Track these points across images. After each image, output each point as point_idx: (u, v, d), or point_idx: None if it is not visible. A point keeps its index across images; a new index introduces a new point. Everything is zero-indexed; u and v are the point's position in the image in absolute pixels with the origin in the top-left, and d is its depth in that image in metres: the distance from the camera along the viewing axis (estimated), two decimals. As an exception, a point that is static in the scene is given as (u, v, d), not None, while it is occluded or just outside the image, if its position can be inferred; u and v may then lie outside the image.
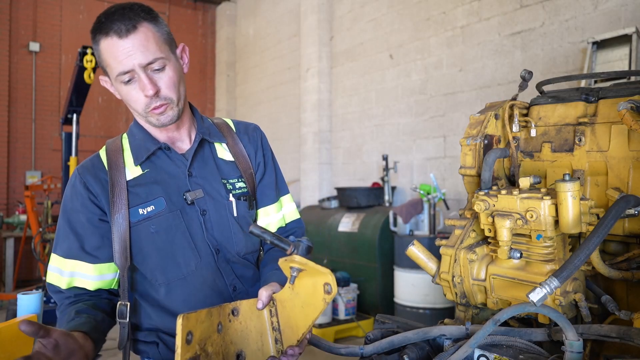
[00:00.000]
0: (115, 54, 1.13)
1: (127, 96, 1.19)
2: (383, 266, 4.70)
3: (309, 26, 6.63)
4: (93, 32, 1.17)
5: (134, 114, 1.27)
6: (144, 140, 1.28)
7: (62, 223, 1.24)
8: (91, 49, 5.30)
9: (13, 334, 1.47)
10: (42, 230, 5.71)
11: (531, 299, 1.03)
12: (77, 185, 1.24)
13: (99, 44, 1.16)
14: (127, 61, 1.13)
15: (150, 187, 1.24)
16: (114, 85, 1.22)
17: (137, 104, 1.19)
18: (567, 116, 1.42)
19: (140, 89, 1.17)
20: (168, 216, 1.23)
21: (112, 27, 1.12)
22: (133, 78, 1.16)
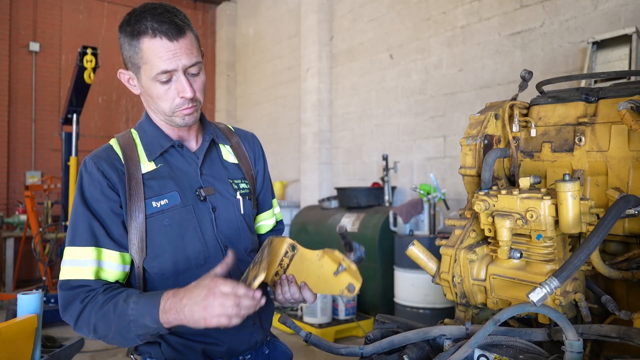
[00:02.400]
0: (160, 54, 1.17)
1: (159, 95, 1.22)
2: (383, 266, 4.70)
3: (309, 26, 6.63)
4: (133, 28, 1.18)
5: (153, 111, 1.29)
6: (157, 137, 1.30)
7: (82, 211, 1.19)
8: (92, 49, 5.31)
9: (13, 334, 1.47)
10: (42, 230, 5.70)
11: (531, 299, 1.03)
12: (95, 173, 1.21)
13: (142, 41, 1.18)
14: (173, 62, 1.18)
15: (164, 182, 1.26)
16: (141, 81, 1.24)
17: (167, 103, 1.23)
18: (567, 116, 1.42)
19: (177, 90, 1.21)
20: (182, 210, 1.25)
21: (161, 29, 1.17)
22: (171, 79, 1.20)
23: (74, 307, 1.14)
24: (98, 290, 1.15)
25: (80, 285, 1.16)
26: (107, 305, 1.11)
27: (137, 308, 1.08)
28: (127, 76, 1.27)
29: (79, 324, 1.15)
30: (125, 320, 1.08)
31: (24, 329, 1.52)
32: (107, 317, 1.10)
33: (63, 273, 1.18)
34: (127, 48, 1.22)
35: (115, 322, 1.09)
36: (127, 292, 1.13)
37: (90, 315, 1.12)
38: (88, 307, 1.13)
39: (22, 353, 1.53)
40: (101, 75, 7.72)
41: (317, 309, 4.49)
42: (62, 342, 2.55)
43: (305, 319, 4.56)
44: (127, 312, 1.08)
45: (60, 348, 2.44)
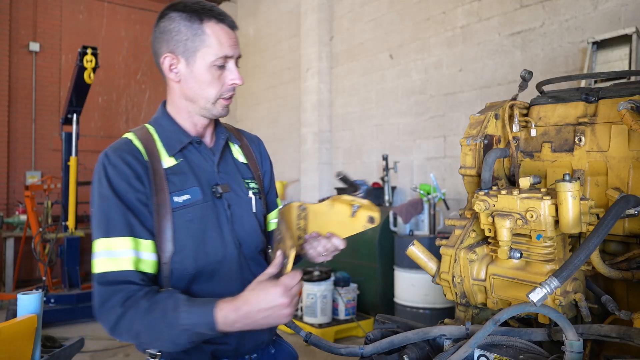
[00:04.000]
0: (223, 39, 1.24)
1: (211, 80, 1.24)
2: (383, 266, 4.70)
3: (309, 26, 6.63)
4: (195, 12, 1.22)
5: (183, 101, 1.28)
6: (176, 132, 1.30)
7: (114, 201, 1.16)
8: (92, 49, 5.31)
9: (13, 334, 1.47)
10: (42, 230, 5.70)
11: (531, 299, 1.03)
12: (120, 165, 1.19)
13: (207, 25, 1.23)
14: (233, 49, 1.26)
15: (185, 177, 1.26)
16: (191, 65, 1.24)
17: (216, 89, 1.25)
18: (567, 116, 1.42)
19: (229, 77, 1.26)
20: (203, 206, 1.25)
21: (225, 18, 1.26)
22: (225, 65, 1.25)
23: (113, 309, 1.10)
24: (138, 292, 1.12)
25: (119, 280, 1.12)
26: (153, 313, 1.09)
27: (190, 317, 1.07)
28: (170, 62, 1.26)
29: (118, 328, 1.11)
30: (177, 329, 1.07)
31: (24, 329, 1.51)
32: (155, 326, 1.08)
33: (99, 265, 1.13)
34: (183, 31, 1.22)
35: (165, 331, 1.08)
36: (172, 298, 1.11)
37: (133, 322, 1.09)
38: (130, 313, 1.09)
39: (22, 353, 1.53)
40: (101, 75, 7.72)
41: (317, 309, 4.49)
42: (62, 342, 2.55)
43: (305, 319, 4.56)
44: (179, 322, 1.07)
45: (60, 348, 2.44)
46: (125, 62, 8.45)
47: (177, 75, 1.26)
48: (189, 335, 1.08)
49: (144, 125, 1.33)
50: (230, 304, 1.08)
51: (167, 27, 1.24)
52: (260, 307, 1.07)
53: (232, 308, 1.07)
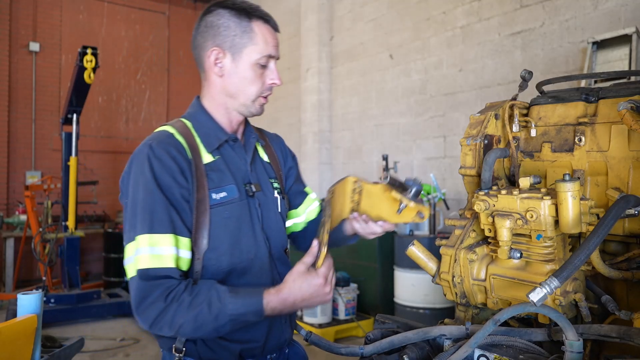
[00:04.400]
0: (269, 39, 1.27)
1: (253, 78, 1.26)
2: (383, 266, 4.70)
3: (309, 26, 6.63)
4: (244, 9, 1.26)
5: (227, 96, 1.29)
6: (214, 129, 1.30)
7: (159, 197, 1.14)
8: (92, 49, 5.31)
9: (13, 334, 1.47)
10: (42, 230, 5.70)
11: (531, 299, 1.03)
12: (166, 160, 1.17)
13: (256, 23, 1.26)
14: (276, 50, 1.29)
15: (223, 174, 1.26)
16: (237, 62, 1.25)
17: (256, 88, 1.27)
18: (567, 116, 1.42)
19: (269, 77, 1.29)
20: (239, 204, 1.26)
21: (270, 19, 1.30)
22: (267, 64, 1.28)
23: (154, 304, 1.09)
24: (179, 285, 1.12)
25: (160, 275, 1.11)
26: (198, 305, 1.10)
27: (237, 307, 1.11)
28: (216, 56, 1.26)
29: (158, 323, 1.10)
30: (224, 319, 1.10)
31: (24, 329, 1.51)
32: (199, 317, 1.09)
33: (142, 261, 1.11)
34: (232, 27, 1.24)
35: (210, 322, 1.10)
36: (214, 289, 1.12)
37: (176, 316, 1.09)
38: (172, 307, 1.09)
39: (22, 353, 1.53)
40: (101, 75, 7.72)
41: (317, 308, 4.49)
42: (62, 342, 2.55)
43: (305, 319, 4.56)
44: (226, 312, 1.10)
45: (60, 348, 2.44)
46: (125, 62, 8.45)
47: (221, 70, 1.27)
48: (234, 323, 1.11)
49: (179, 119, 1.31)
50: (276, 295, 1.14)
51: (216, 22, 1.26)
52: (304, 297, 1.15)
53: (279, 300, 1.14)
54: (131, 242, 1.14)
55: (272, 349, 1.31)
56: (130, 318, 5.38)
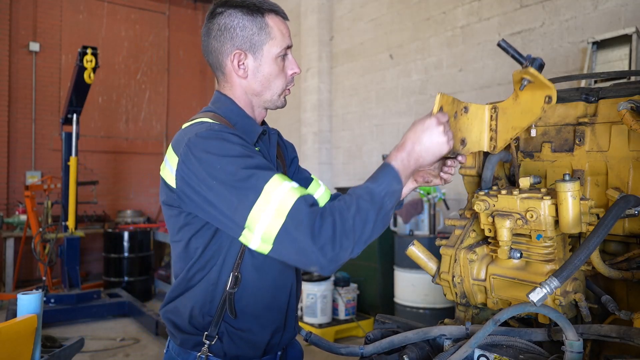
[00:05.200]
0: (283, 30, 1.27)
1: (278, 72, 1.26)
2: (383, 266, 4.70)
3: (309, 26, 6.63)
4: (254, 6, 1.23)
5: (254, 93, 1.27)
6: (250, 123, 1.28)
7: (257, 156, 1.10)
8: (92, 49, 5.30)
9: (13, 334, 1.47)
10: (42, 230, 5.70)
11: (531, 299, 1.03)
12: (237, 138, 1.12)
13: (269, 17, 1.24)
14: (290, 39, 1.29)
15: None
16: (259, 60, 1.24)
17: (281, 81, 1.28)
18: (567, 116, 1.42)
19: (290, 67, 1.29)
20: None
21: (279, 9, 1.28)
22: (286, 55, 1.27)
23: (323, 225, 1.00)
24: (324, 205, 1.05)
25: (313, 202, 1.05)
26: (352, 205, 1.04)
27: (381, 185, 1.07)
28: (239, 57, 1.23)
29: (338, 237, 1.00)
30: (380, 200, 1.06)
31: (24, 329, 1.51)
32: (361, 210, 1.04)
33: (291, 195, 1.02)
34: (247, 26, 1.22)
35: (372, 208, 1.05)
36: (352, 190, 1.09)
37: (345, 220, 1.01)
38: (337, 216, 1.01)
39: (22, 353, 1.53)
40: (101, 75, 7.72)
41: (317, 309, 4.49)
42: (62, 342, 2.55)
43: (305, 319, 4.56)
44: (376, 194, 1.06)
45: (60, 348, 2.44)
46: (125, 62, 8.45)
47: (245, 72, 1.25)
48: (389, 198, 1.07)
49: (214, 114, 1.24)
50: (397, 150, 1.14)
51: (230, 24, 1.22)
52: (422, 139, 1.13)
53: (401, 152, 1.13)
54: (257, 200, 1.02)
55: (285, 342, 1.31)
56: (130, 318, 5.38)
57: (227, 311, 1.19)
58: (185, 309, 1.21)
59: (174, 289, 1.25)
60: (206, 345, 1.18)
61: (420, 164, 1.15)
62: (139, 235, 6.49)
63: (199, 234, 1.18)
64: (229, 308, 1.18)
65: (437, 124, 1.15)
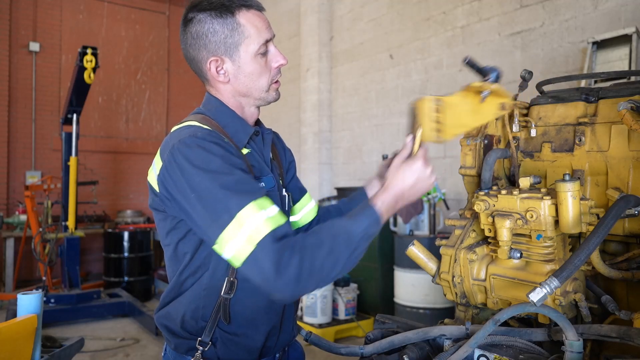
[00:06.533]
0: (259, 24, 1.21)
1: (260, 69, 1.22)
2: (383, 266, 4.69)
3: (309, 26, 6.63)
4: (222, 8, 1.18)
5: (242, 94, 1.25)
6: (241, 124, 1.26)
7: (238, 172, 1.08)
8: (92, 49, 5.30)
9: (13, 334, 1.47)
10: (42, 230, 5.70)
11: (531, 299, 1.03)
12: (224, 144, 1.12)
13: (239, 16, 1.19)
14: (269, 30, 1.23)
15: (260, 165, 1.25)
16: (237, 62, 1.20)
17: (266, 77, 1.24)
18: (567, 116, 1.42)
19: (273, 60, 1.24)
20: (276, 193, 1.26)
21: (252, 2, 1.22)
22: (267, 50, 1.23)
23: (289, 263, 1.00)
24: (296, 237, 1.04)
25: (282, 235, 1.04)
26: (325, 242, 1.04)
27: (360, 225, 1.07)
28: (217, 63, 1.21)
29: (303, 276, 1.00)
30: (355, 241, 1.06)
31: (24, 329, 1.52)
32: (334, 250, 1.04)
33: (261, 229, 1.02)
34: (219, 30, 1.18)
35: (344, 249, 1.05)
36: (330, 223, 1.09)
37: (314, 259, 1.01)
38: (307, 254, 1.01)
39: (22, 353, 1.53)
40: (101, 75, 7.72)
41: (317, 309, 4.49)
42: (62, 342, 2.55)
43: (305, 319, 4.56)
44: (353, 233, 1.06)
45: (60, 348, 2.44)
46: (125, 62, 8.45)
47: (226, 76, 1.22)
48: (364, 240, 1.08)
49: (200, 115, 1.25)
50: (383, 193, 1.15)
51: (201, 31, 1.19)
52: (410, 183, 1.17)
53: (388, 196, 1.14)
54: (229, 224, 1.03)
55: (282, 345, 1.30)
56: (130, 318, 5.38)
57: (222, 317, 1.18)
58: (178, 314, 1.20)
59: (167, 293, 1.25)
60: (199, 351, 1.18)
61: (405, 202, 1.19)
62: (139, 235, 6.49)
63: (186, 239, 1.18)
64: (223, 314, 1.17)
65: (424, 167, 1.19)
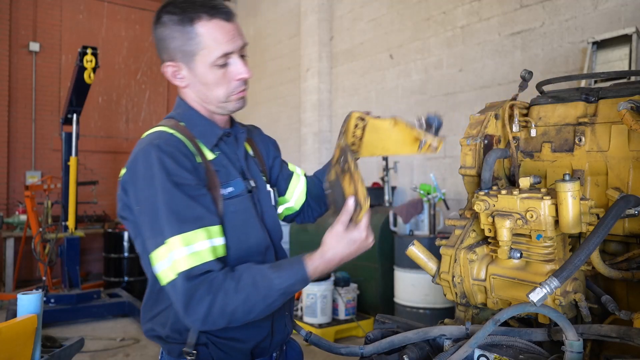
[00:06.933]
0: (219, 36, 1.17)
1: (217, 80, 1.20)
2: (383, 266, 4.69)
3: (309, 26, 6.63)
4: (184, 15, 1.16)
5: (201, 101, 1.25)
6: (209, 125, 1.27)
7: (178, 195, 1.09)
8: (92, 49, 5.30)
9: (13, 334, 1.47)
10: (42, 230, 5.70)
11: (531, 299, 1.03)
12: (178, 156, 1.13)
13: (198, 25, 1.16)
14: (231, 43, 1.18)
15: (228, 170, 1.25)
16: (194, 70, 1.20)
17: (224, 88, 1.21)
18: (567, 116, 1.42)
19: (235, 73, 1.21)
20: (246, 197, 1.25)
21: (216, 11, 1.18)
22: (227, 62, 1.19)
23: (200, 301, 1.05)
24: (218, 276, 1.08)
25: (202, 271, 1.07)
26: (244, 288, 1.07)
27: (283, 281, 1.09)
28: (174, 69, 1.22)
29: (211, 317, 1.06)
30: (274, 295, 1.09)
31: (24, 329, 1.51)
32: (250, 299, 1.07)
33: (181, 263, 1.06)
34: (176, 37, 1.18)
35: (261, 301, 1.08)
36: (255, 269, 1.11)
37: (226, 304, 1.06)
38: (220, 296, 1.05)
39: (22, 353, 1.53)
40: (101, 75, 7.72)
41: (317, 309, 4.49)
42: (62, 342, 2.55)
43: (305, 319, 4.56)
44: (274, 287, 1.08)
45: (60, 348, 2.44)
46: (125, 62, 8.45)
47: (183, 81, 1.24)
48: (284, 296, 1.11)
49: (172, 119, 1.27)
50: (320, 259, 1.14)
51: (162, 35, 1.20)
52: (349, 253, 1.16)
53: (323, 262, 1.14)
54: (161, 246, 1.08)
55: (277, 345, 1.31)
56: (130, 318, 5.38)
57: None
58: (162, 328, 1.21)
59: (145, 303, 1.26)
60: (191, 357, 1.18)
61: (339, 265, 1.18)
62: (139, 235, 6.48)
63: None
64: None
65: (365, 238, 1.16)
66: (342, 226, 1.15)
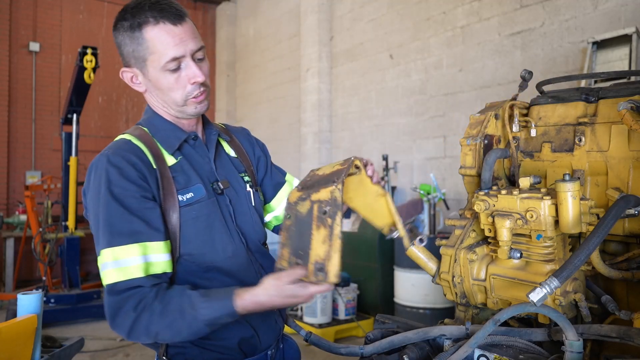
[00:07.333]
0: (166, 41, 1.16)
1: (170, 85, 1.20)
2: (383, 266, 4.69)
3: (309, 26, 6.63)
4: (132, 20, 1.17)
5: (162, 105, 1.26)
6: (171, 130, 1.27)
7: (115, 207, 1.11)
8: (92, 49, 5.30)
9: (13, 334, 1.47)
10: (42, 230, 5.70)
11: (531, 299, 1.03)
12: (124, 166, 1.14)
13: (145, 31, 1.16)
14: (180, 47, 1.17)
15: (188, 175, 1.24)
16: (147, 75, 1.21)
17: (179, 92, 1.21)
18: (567, 116, 1.42)
19: (188, 77, 1.19)
20: (208, 202, 1.24)
21: (163, 15, 1.16)
22: (180, 66, 1.18)
23: (126, 316, 1.08)
24: (149, 294, 1.09)
25: (128, 287, 1.09)
26: (170, 313, 1.08)
27: (211, 312, 1.08)
28: (130, 74, 1.24)
29: (135, 332, 1.09)
30: (199, 324, 1.08)
31: (24, 329, 1.51)
32: (174, 325, 1.08)
33: (108, 276, 1.10)
34: (128, 43, 1.19)
35: (186, 328, 1.08)
36: (186, 296, 1.10)
37: (150, 324, 1.08)
38: (145, 316, 1.08)
39: (22, 353, 1.53)
40: (101, 75, 7.72)
41: (317, 309, 4.49)
42: (62, 342, 2.55)
43: (305, 319, 4.56)
44: (200, 317, 1.08)
45: (60, 348, 2.44)
46: (125, 62, 8.45)
47: (141, 87, 1.25)
48: (210, 326, 1.10)
49: (137, 126, 1.29)
50: (251, 298, 1.09)
51: (117, 40, 1.22)
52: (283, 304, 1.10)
53: (253, 302, 1.09)
54: (101, 252, 1.12)
55: (269, 342, 1.31)
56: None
57: None
58: None
59: None
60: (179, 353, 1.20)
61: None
62: (139, 235, 6.48)
63: None
64: None
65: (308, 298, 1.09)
66: (290, 281, 1.07)
